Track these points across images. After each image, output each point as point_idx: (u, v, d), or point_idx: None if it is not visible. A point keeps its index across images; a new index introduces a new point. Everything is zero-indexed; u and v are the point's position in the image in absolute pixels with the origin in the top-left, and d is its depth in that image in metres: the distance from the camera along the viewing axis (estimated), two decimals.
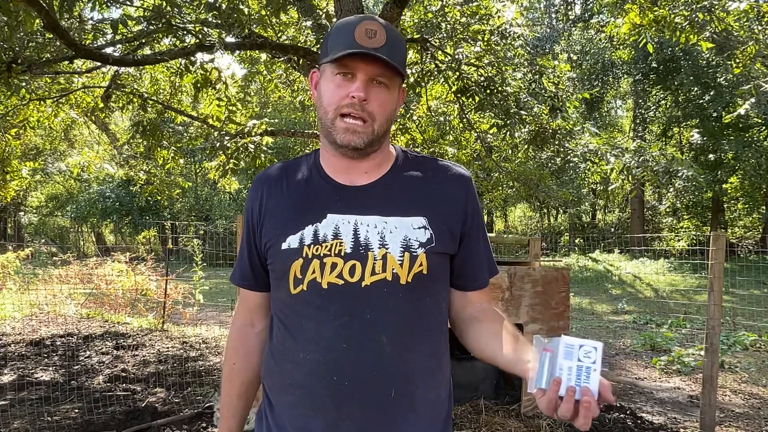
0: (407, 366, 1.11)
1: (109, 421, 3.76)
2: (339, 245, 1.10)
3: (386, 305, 1.09)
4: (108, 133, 14.24)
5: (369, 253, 1.09)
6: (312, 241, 1.12)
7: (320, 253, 1.10)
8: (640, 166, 6.42)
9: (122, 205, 23.59)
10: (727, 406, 4.65)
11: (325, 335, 1.09)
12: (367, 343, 1.08)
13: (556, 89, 6.46)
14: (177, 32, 4.57)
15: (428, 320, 1.15)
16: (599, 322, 9.36)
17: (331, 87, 1.10)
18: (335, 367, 1.08)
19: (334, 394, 1.08)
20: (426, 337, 1.15)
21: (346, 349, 1.08)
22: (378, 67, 1.08)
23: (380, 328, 1.08)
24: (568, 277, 4.12)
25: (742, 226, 23.19)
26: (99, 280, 8.77)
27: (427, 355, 1.15)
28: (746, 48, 5.53)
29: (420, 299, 1.12)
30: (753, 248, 19.38)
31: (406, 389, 1.10)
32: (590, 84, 19.97)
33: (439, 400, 1.17)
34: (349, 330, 1.08)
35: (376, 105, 1.10)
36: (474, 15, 6.14)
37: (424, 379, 1.13)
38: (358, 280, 1.08)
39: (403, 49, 1.14)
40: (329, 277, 1.09)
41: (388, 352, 1.08)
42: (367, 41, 1.06)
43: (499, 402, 4.16)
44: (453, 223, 1.18)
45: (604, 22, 15.27)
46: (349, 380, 1.07)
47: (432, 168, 1.21)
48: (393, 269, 1.09)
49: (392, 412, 1.10)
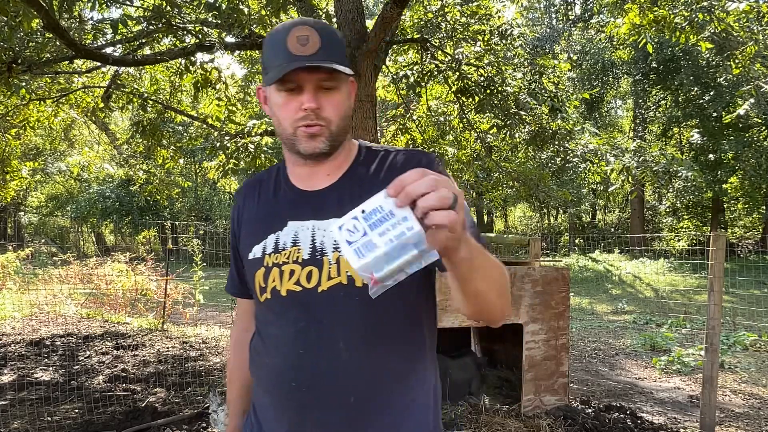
0: (367, 371, 1.07)
1: (109, 421, 3.76)
2: (297, 252, 1.11)
3: (342, 310, 1.07)
4: (108, 133, 14.23)
5: (324, 257, 1.09)
6: (273, 250, 1.14)
7: (279, 261, 1.12)
8: (640, 167, 6.42)
9: (122, 205, 23.61)
10: (727, 406, 4.65)
11: (285, 341, 1.11)
12: (323, 349, 1.07)
13: (556, 89, 6.46)
14: (177, 32, 4.57)
15: (391, 323, 1.10)
16: (599, 322, 9.36)
17: (281, 103, 1.09)
18: (294, 373, 1.09)
19: (295, 401, 1.09)
20: (390, 341, 1.10)
21: (303, 355, 1.08)
22: (321, 74, 1.07)
23: (337, 334, 1.07)
24: (568, 277, 4.12)
25: (742, 226, 23.20)
26: (99, 280, 8.78)
27: (394, 360, 1.10)
28: (746, 48, 5.53)
29: (378, 302, 1.03)
30: (753, 248, 19.38)
31: (370, 395, 1.07)
32: (590, 84, 19.98)
33: (416, 406, 1.12)
34: (307, 336, 1.08)
35: (330, 109, 1.09)
36: (474, 15, 6.15)
37: (390, 384, 1.09)
38: (314, 286, 1.08)
39: (340, 45, 1.11)
40: (288, 284, 1.10)
41: (345, 358, 1.06)
42: (301, 49, 1.05)
43: (499, 402, 4.16)
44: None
45: (604, 22, 15.28)
46: (308, 387, 1.07)
47: (390, 159, 1.18)
48: (347, 272, 1.07)
49: (356, 418, 1.07)
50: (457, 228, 0.75)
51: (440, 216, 0.73)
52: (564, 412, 3.93)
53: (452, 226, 0.74)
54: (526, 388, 3.90)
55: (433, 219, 0.74)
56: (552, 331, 4.00)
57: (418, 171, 0.76)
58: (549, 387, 4.01)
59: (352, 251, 0.75)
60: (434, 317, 1.21)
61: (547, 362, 3.99)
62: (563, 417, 3.84)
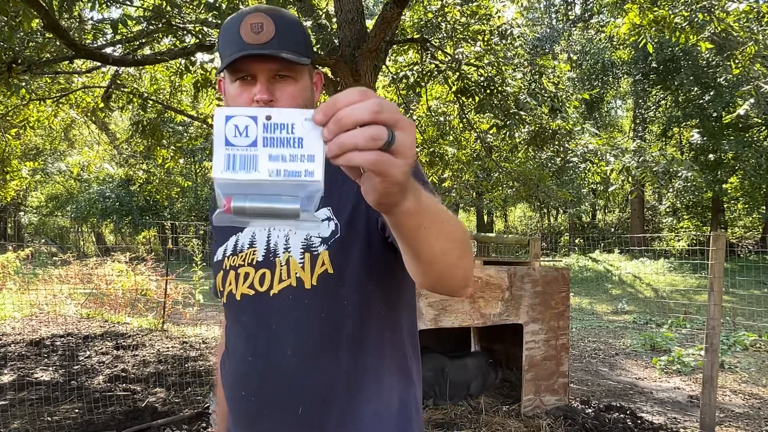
0: (318, 380, 0.99)
1: (109, 421, 3.76)
2: (253, 254, 1.05)
3: (292, 314, 1.00)
4: (108, 133, 14.24)
5: (276, 259, 1.02)
6: (231, 252, 1.09)
7: (236, 264, 1.07)
8: (640, 167, 6.43)
9: (122, 205, 23.61)
10: (727, 406, 4.65)
11: (238, 348, 1.06)
12: (271, 356, 1.00)
13: (555, 89, 6.47)
14: (177, 32, 4.57)
15: (344, 327, 1.00)
16: (599, 322, 9.36)
17: (234, 94, 1.04)
18: (243, 381, 1.04)
19: (246, 410, 1.04)
20: (345, 347, 1.00)
21: (252, 363, 1.02)
22: (275, 63, 1.00)
23: (285, 340, 0.99)
24: (568, 277, 4.13)
25: (742, 226, 23.20)
26: (99, 280, 8.78)
27: (350, 368, 1.00)
28: (746, 48, 5.54)
29: (330, 304, 0.99)
30: (753, 248, 19.38)
31: (320, 406, 0.99)
32: (590, 84, 19.98)
33: (380, 419, 1.01)
34: (256, 342, 1.02)
35: (285, 101, 1.02)
36: (474, 15, 6.15)
37: (346, 394, 0.99)
38: (266, 290, 1.02)
39: (298, 32, 1.03)
40: (242, 288, 1.05)
41: (293, 365, 0.99)
42: (254, 37, 0.98)
43: (499, 402, 4.16)
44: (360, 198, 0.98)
45: (604, 22, 15.28)
46: (256, 396, 1.01)
47: None
48: (296, 274, 1.00)
49: (306, 431, 0.99)
50: (392, 174, 0.57)
51: (364, 157, 0.55)
52: (564, 412, 3.93)
53: (381, 170, 0.56)
54: (526, 388, 3.90)
55: (352, 159, 0.55)
56: (552, 331, 4.00)
57: (357, 90, 0.57)
58: (549, 387, 4.01)
59: (224, 156, 0.56)
60: (408, 316, 1.09)
61: (547, 362, 3.99)
62: (563, 417, 3.84)
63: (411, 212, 0.66)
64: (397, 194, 0.61)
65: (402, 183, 0.60)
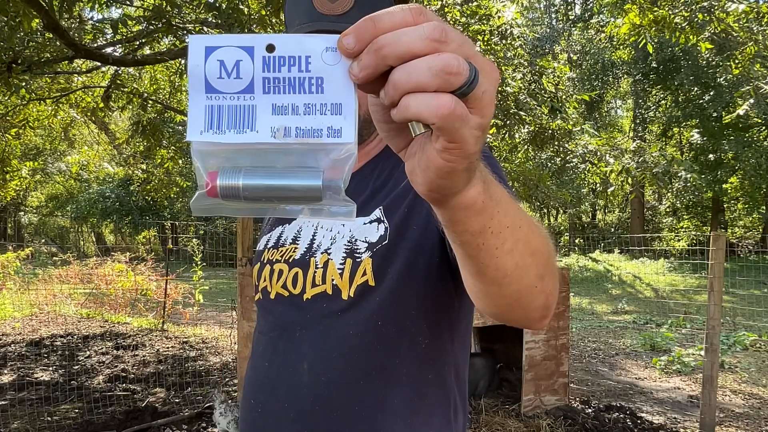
0: (330, 410, 0.83)
1: (109, 421, 3.76)
2: (293, 250, 0.93)
3: (318, 325, 0.85)
4: (108, 133, 14.24)
5: (312, 259, 0.88)
6: (273, 245, 0.98)
7: (274, 258, 0.95)
8: (640, 167, 6.43)
9: (122, 205, 23.60)
10: (727, 406, 4.65)
11: (257, 351, 0.95)
12: (285, 367, 0.87)
13: (555, 90, 6.47)
14: (177, 32, 4.57)
15: (375, 355, 0.83)
16: (599, 322, 9.36)
17: None
18: (254, 388, 0.93)
19: (253, 420, 0.92)
20: (371, 380, 0.83)
21: (267, 370, 0.90)
22: None
23: (305, 351, 0.86)
24: (568, 277, 4.13)
25: (742, 226, 23.20)
26: (99, 280, 8.78)
27: (373, 407, 0.83)
28: (746, 48, 5.54)
29: (363, 323, 0.83)
30: (753, 248, 19.38)
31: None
32: (590, 84, 19.98)
33: None
34: (275, 348, 0.90)
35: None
36: (474, 15, 6.14)
37: (360, 423, 0.83)
38: (300, 292, 0.88)
39: (383, 0, 0.82)
40: (276, 287, 0.93)
41: (306, 382, 0.84)
42: (329, 6, 0.81)
43: (499, 402, 4.16)
44: (419, 199, 0.80)
45: (604, 22, 15.27)
46: (263, 407, 0.89)
47: None
48: (333, 280, 0.85)
49: None
50: (464, 137, 0.38)
51: (431, 105, 0.36)
52: (564, 412, 3.93)
53: (452, 127, 0.37)
54: (526, 388, 3.90)
55: (409, 108, 0.36)
56: (552, 331, 4.00)
57: (409, 8, 0.38)
58: (549, 387, 4.01)
59: (205, 109, 0.38)
60: (459, 355, 0.91)
61: (547, 362, 3.99)
62: (563, 417, 3.84)
63: (476, 206, 0.47)
64: (461, 173, 0.42)
65: (473, 155, 0.40)
